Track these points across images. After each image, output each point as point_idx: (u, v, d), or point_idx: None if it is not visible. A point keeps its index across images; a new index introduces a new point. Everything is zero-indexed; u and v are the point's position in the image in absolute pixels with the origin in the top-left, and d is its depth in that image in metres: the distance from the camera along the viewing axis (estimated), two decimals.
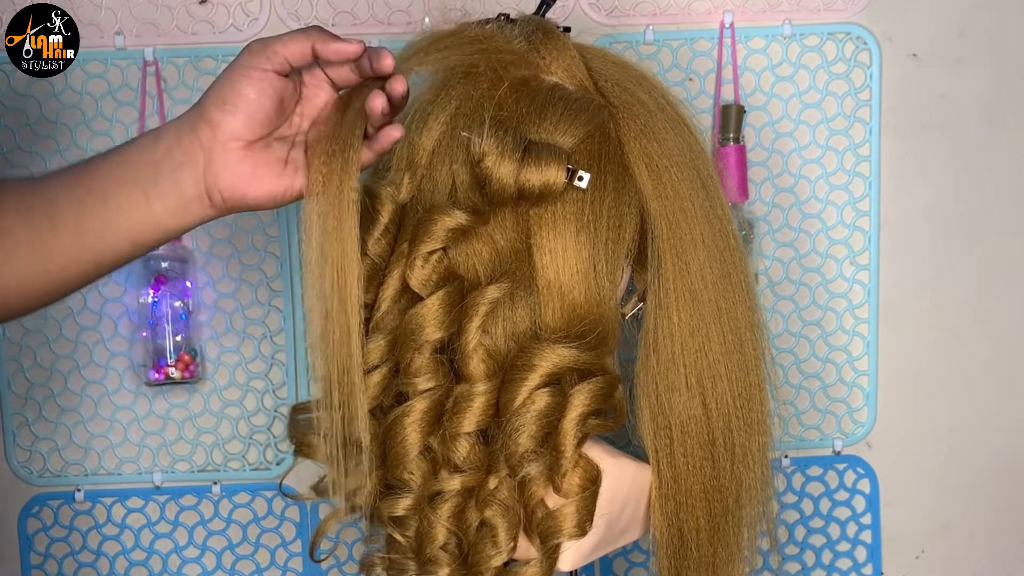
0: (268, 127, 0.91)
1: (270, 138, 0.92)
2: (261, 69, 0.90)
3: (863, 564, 1.42)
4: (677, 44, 1.32)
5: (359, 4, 1.31)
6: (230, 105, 0.90)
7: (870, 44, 1.32)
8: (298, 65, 0.91)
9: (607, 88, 1.01)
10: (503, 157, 0.93)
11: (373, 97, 0.91)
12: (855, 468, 1.41)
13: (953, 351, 1.39)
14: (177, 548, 1.40)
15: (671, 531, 1.03)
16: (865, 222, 1.35)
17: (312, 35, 0.91)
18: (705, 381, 0.99)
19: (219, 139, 0.90)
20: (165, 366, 1.31)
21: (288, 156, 0.93)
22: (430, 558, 0.99)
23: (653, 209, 0.98)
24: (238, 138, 0.90)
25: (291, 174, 0.92)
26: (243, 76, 0.90)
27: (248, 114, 0.90)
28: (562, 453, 0.96)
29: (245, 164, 0.91)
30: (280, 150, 0.93)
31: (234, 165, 0.90)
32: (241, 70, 0.90)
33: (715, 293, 0.99)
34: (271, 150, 0.92)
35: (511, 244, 0.96)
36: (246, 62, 0.90)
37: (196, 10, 1.31)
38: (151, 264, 1.30)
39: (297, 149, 0.94)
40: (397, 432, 0.96)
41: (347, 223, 0.89)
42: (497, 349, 0.96)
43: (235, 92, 0.90)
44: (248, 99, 0.89)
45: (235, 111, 0.89)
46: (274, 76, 0.90)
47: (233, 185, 0.91)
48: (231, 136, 0.90)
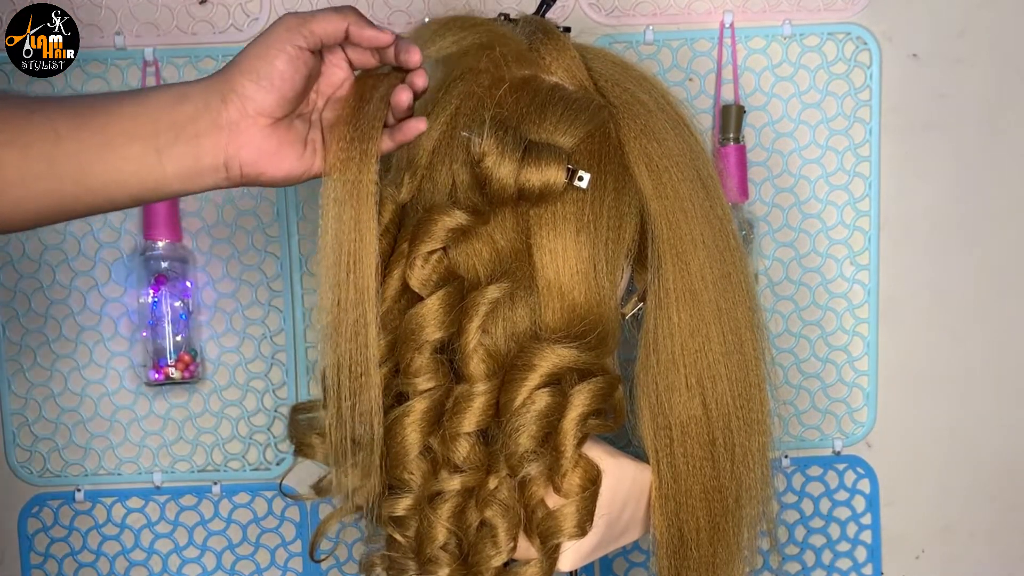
0: (296, 105, 0.90)
1: (292, 116, 0.91)
2: (297, 46, 0.88)
3: (863, 564, 1.42)
4: (677, 44, 1.32)
5: (359, 4, 1.31)
6: (265, 80, 0.88)
7: (870, 44, 1.32)
8: (330, 44, 0.91)
9: (607, 88, 1.01)
10: (503, 157, 0.93)
11: (400, 91, 0.91)
12: (855, 468, 1.41)
13: (953, 351, 1.39)
14: (177, 548, 1.40)
15: (671, 531, 1.03)
16: (865, 222, 1.35)
17: (349, 16, 0.90)
18: (705, 381, 0.99)
19: (248, 113, 0.88)
20: (165, 366, 1.31)
21: (308, 136, 0.92)
22: (430, 558, 0.99)
23: (653, 209, 0.98)
24: (267, 114, 0.89)
25: (311, 155, 0.92)
26: (280, 52, 0.88)
27: (281, 91, 0.88)
28: (562, 453, 0.96)
29: (271, 141, 0.89)
30: (301, 129, 0.92)
31: (260, 141, 0.89)
32: (279, 45, 0.88)
33: (715, 293, 0.99)
34: (294, 128, 0.91)
35: (511, 244, 0.96)
36: (284, 36, 0.88)
37: (196, 10, 1.31)
38: (151, 264, 1.30)
39: (315, 129, 0.93)
40: (397, 432, 0.96)
41: (365, 213, 0.89)
42: (497, 349, 0.96)
43: (271, 67, 0.88)
44: (283, 75, 0.88)
45: (270, 87, 0.88)
46: (308, 54, 0.89)
47: (256, 160, 0.89)
48: (261, 111, 0.88)
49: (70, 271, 1.34)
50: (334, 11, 0.90)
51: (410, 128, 0.93)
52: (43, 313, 1.35)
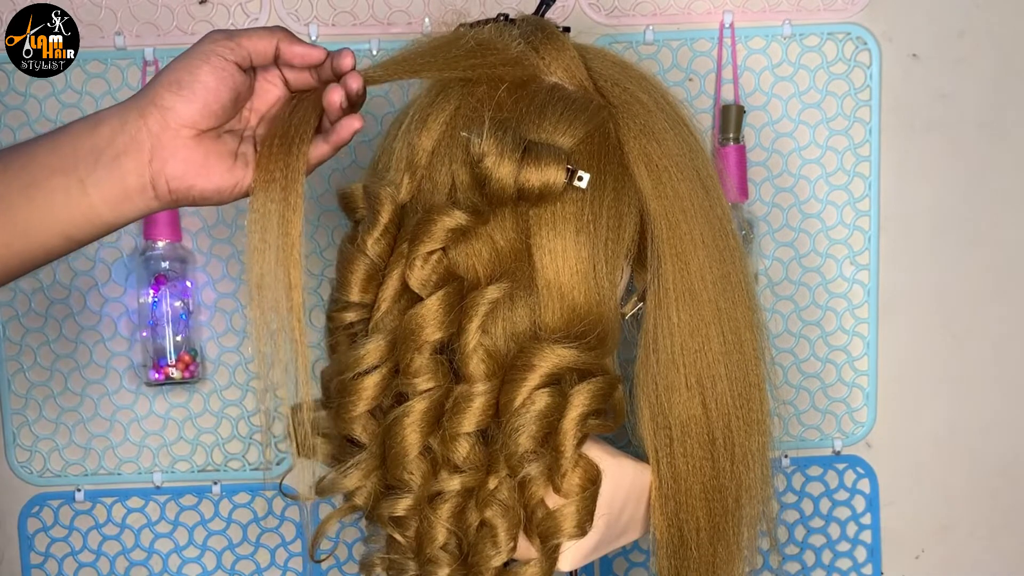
0: (222, 118, 0.89)
1: (220, 130, 0.90)
2: (223, 58, 0.87)
3: (863, 564, 1.42)
4: (677, 44, 1.32)
5: (359, 4, 1.31)
6: (187, 90, 0.86)
7: (870, 44, 1.32)
8: (259, 63, 0.90)
9: (607, 88, 1.01)
10: (503, 157, 0.93)
11: (331, 91, 0.89)
12: (855, 468, 1.41)
13: (953, 351, 1.39)
14: (177, 548, 1.40)
15: (671, 531, 1.03)
16: (865, 222, 1.35)
17: (277, 34, 0.89)
18: (705, 381, 0.99)
19: (170, 125, 0.86)
20: (165, 366, 1.31)
21: (238, 150, 0.90)
22: (430, 558, 0.99)
23: (653, 209, 0.98)
24: (191, 126, 0.87)
25: (241, 168, 0.90)
26: (204, 62, 0.87)
27: (205, 101, 0.87)
28: (562, 453, 0.96)
29: (197, 152, 0.87)
30: (231, 143, 0.90)
31: (185, 153, 0.87)
32: (202, 56, 0.87)
33: (715, 293, 0.99)
34: (222, 141, 0.89)
35: (511, 244, 0.96)
36: (208, 48, 0.87)
37: (196, 10, 1.31)
38: (151, 264, 1.30)
39: (246, 144, 0.91)
40: (397, 432, 0.96)
41: (293, 222, 0.88)
42: (497, 349, 0.96)
43: (193, 77, 0.86)
44: (207, 86, 0.87)
45: (192, 96, 0.86)
46: (234, 68, 0.88)
47: (183, 174, 0.88)
48: (184, 123, 0.87)
49: (70, 271, 1.34)
50: (263, 29, 0.89)
51: (344, 127, 0.91)
52: (43, 313, 1.35)
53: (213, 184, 0.89)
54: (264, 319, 0.89)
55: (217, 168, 0.89)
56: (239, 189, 0.90)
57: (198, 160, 0.88)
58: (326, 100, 0.89)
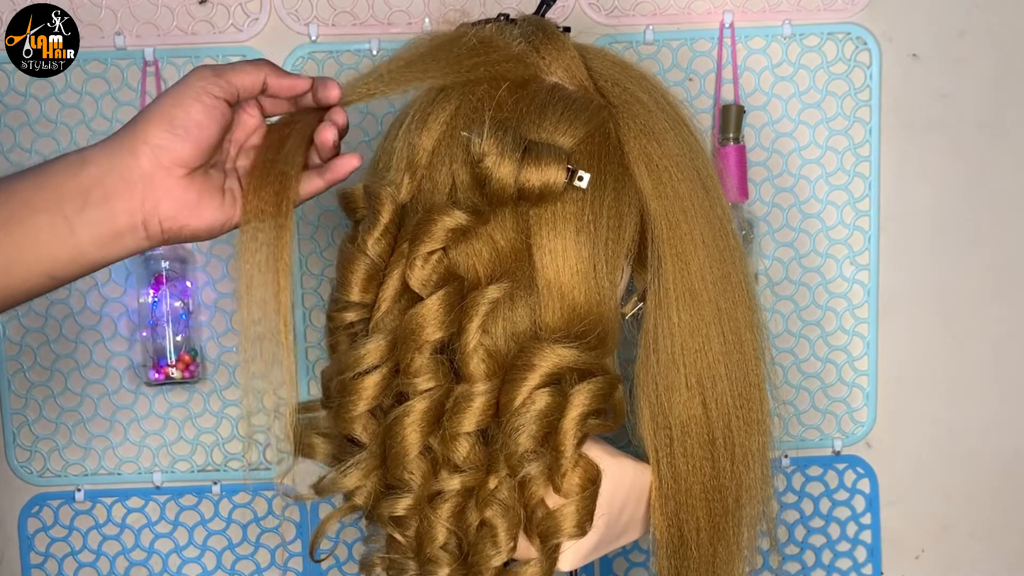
0: (210, 155, 0.89)
1: (207, 165, 0.90)
2: (213, 96, 0.86)
3: (863, 564, 1.42)
4: (677, 44, 1.32)
5: (359, 4, 1.31)
6: (181, 129, 0.85)
7: (870, 44, 1.32)
8: (245, 98, 0.89)
9: (607, 88, 1.01)
10: (503, 157, 0.93)
11: (324, 130, 0.89)
12: (855, 468, 1.41)
13: (953, 351, 1.39)
14: (177, 548, 1.40)
15: (671, 531, 1.03)
16: (865, 222, 1.35)
17: (264, 68, 0.89)
18: (705, 381, 0.99)
19: (163, 164, 0.86)
20: (165, 366, 1.31)
21: (225, 185, 0.90)
22: (430, 558, 0.99)
23: (653, 209, 0.98)
24: (184, 164, 0.86)
25: (230, 204, 0.90)
26: (196, 101, 0.86)
27: (198, 139, 0.86)
28: (562, 453, 0.96)
29: (190, 192, 0.87)
30: (217, 178, 0.90)
31: (178, 192, 0.87)
32: (194, 94, 0.86)
33: (715, 293, 0.99)
34: (210, 178, 0.89)
35: (511, 244, 0.96)
36: (198, 86, 0.86)
37: (196, 10, 1.31)
38: (151, 264, 1.30)
39: (231, 178, 0.91)
40: (397, 432, 0.96)
41: (283, 262, 0.88)
42: (497, 349, 0.96)
43: (187, 115, 0.86)
44: (200, 124, 0.86)
45: (185, 135, 0.86)
46: (224, 105, 0.87)
47: (176, 214, 0.87)
48: (178, 161, 0.86)
49: None
50: (249, 63, 0.89)
51: (342, 166, 0.92)
52: (43, 313, 1.35)
53: (205, 222, 0.89)
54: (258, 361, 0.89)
55: (209, 206, 0.89)
56: (229, 225, 0.90)
57: (191, 199, 0.87)
58: (319, 138, 0.90)
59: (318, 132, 0.90)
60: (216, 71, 0.88)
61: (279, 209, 0.89)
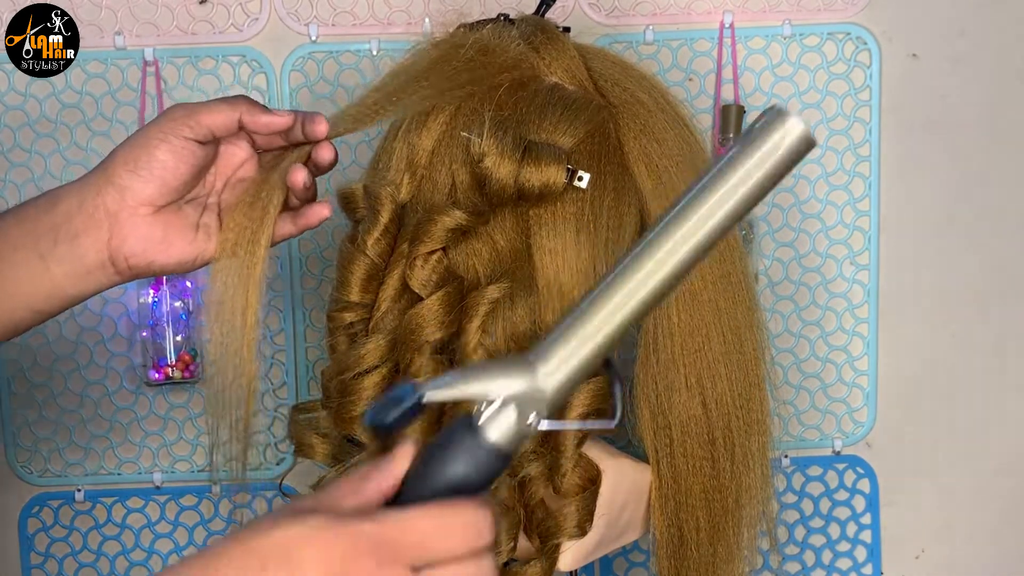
0: (182, 192, 0.88)
1: (181, 201, 0.89)
2: (182, 137, 0.86)
3: (863, 564, 1.42)
4: (677, 44, 1.32)
5: (359, 4, 1.31)
6: (144, 170, 0.86)
7: (870, 44, 1.32)
8: (222, 135, 0.89)
9: (607, 88, 1.01)
10: (503, 157, 0.93)
11: (294, 172, 0.88)
12: (855, 468, 1.41)
13: (953, 351, 1.39)
14: (177, 548, 1.40)
15: (671, 531, 1.03)
16: (865, 222, 1.35)
17: (240, 106, 0.88)
18: (705, 381, 0.99)
19: (127, 203, 0.86)
20: (165, 366, 1.31)
21: (200, 220, 0.90)
22: None
23: (653, 209, 0.98)
24: (148, 203, 0.87)
25: (203, 240, 0.90)
26: (162, 142, 0.86)
27: (163, 180, 0.86)
28: (562, 453, 0.96)
29: (155, 229, 0.87)
30: (192, 214, 0.90)
31: (143, 230, 0.87)
32: (160, 135, 0.86)
33: (715, 293, 0.99)
34: (182, 214, 0.89)
35: (511, 244, 0.96)
36: (166, 127, 0.86)
37: (196, 10, 1.31)
38: None
39: (210, 213, 0.91)
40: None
41: (251, 299, 0.88)
42: (497, 349, 0.96)
43: (150, 156, 0.86)
44: (164, 165, 0.86)
45: (149, 176, 0.86)
46: (195, 145, 0.87)
47: (142, 251, 0.88)
48: (141, 201, 0.86)
49: None
50: (224, 101, 0.88)
51: (314, 215, 0.92)
52: None
53: (174, 258, 0.89)
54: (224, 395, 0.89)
55: (177, 242, 0.89)
56: (201, 260, 0.90)
57: (157, 236, 0.88)
58: (289, 180, 0.89)
59: (289, 174, 0.89)
60: (188, 111, 0.87)
61: (252, 249, 0.89)
